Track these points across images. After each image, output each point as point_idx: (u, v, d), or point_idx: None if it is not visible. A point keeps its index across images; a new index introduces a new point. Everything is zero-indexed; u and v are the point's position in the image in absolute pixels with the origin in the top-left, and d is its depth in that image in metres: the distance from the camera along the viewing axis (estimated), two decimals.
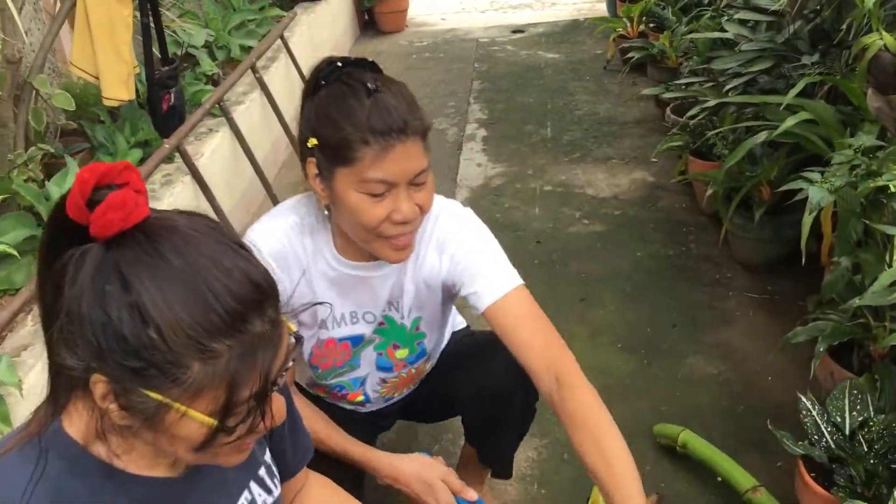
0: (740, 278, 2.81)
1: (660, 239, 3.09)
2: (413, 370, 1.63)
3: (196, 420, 0.82)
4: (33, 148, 2.54)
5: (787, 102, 2.41)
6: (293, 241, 1.41)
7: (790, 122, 2.35)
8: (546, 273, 2.90)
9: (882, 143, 1.92)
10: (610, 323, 2.64)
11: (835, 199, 1.86)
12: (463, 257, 1.44)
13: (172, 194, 2.71)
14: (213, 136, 3.13)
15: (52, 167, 2.65)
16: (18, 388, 1.80)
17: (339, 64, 1.32)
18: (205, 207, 2.86)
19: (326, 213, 1.38)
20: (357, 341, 1.54)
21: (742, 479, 1.90)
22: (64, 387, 0.86)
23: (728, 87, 2.87)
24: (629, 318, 2.65)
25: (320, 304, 1.44)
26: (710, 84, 3.11)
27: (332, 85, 1.29)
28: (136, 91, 2.80)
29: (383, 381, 1.63)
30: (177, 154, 2.80)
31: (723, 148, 2.86)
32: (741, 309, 2.66)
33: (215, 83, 3.55)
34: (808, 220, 1.91)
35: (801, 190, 2.11)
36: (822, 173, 1.88)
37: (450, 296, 1.53)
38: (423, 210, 1.33)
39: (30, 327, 2.04)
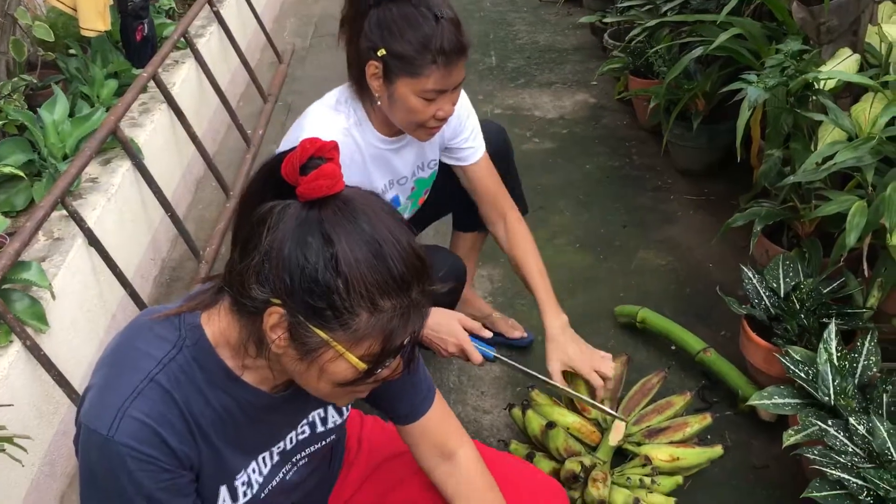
0: (680, 183, 3.12)
1: (605, 152, 3.37)
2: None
3: (350, 362, 0.98)
4: (15, 79, 2.63)
5: (720, 20, 2.68)
6: (353, 138, 1.73)
7: (723, 37, 2.62)
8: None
9: (806, 48, 2.21)
10: (567, 226, 2.91)
11: (768, 98, 2.13)
12: (465, 123, 1.92)
13: (153, 121, 2.84)
14: (181, 67, 3.24)
15: (30, 98, 2.74)
16: (50, 290, 1.96)
17: None
18: (181, 134, 3.00)
19: (378, 104, 1.68)
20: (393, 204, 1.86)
21: (694, 343, 2.21)
22: (226, 293, 1.03)
23: (664, 8, 3.13)
24: (584, 222, 2.93)
25: None
26: (648, 7, 3.37)
27: (400, 3, 1.57)
28: None
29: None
30: (150, 84, 2.91)
31: (661, 65, 3.13)
32: (682, 209, 2.97)
33: (172, 18, 3.63)
34: (744, 116, 2.18)
35: (735, 96, 2.40)
36: (758, 75, 2.15)
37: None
38: (455, 105, 1.72)
39: (42, 241, 2.19)
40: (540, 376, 1.90)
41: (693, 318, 2.41)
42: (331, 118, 1.71)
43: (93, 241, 2.20)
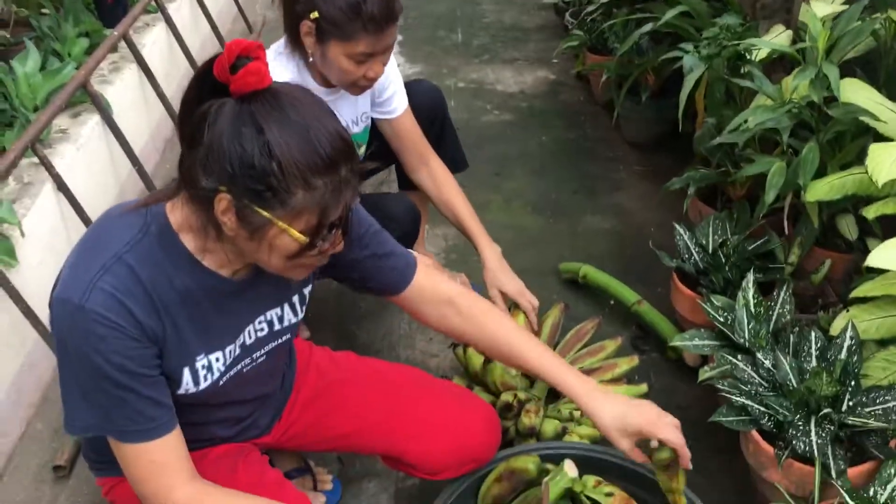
0: (629, 155, 3.28)
1: (561, 125, 3.51)
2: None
3: (292, 236, 1.12)
4: None
5: None
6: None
7: (670, 14, 2.77)
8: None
9: (743, 22, 2.36)
10: (521, 191, 3.05)
11: (709, 70, 2.28)
12: (391, 77, 2.03)
13: (122, 80, 2.93)
14: (151, 29, 3.33)
15: (2, 53, 2.82)
16: (20, 228, 2.06)
17: None
18: (150, 94, 3.09)
19: (311, 60, 1.78)
20: None
21: (629, 295, 2.36)
22: (181, 185, 1.16)
23: None
24: (537, 187, 3.07)
25: None
26: None
27: None
28: None
29: None
30: (121, 44, 2.99)
31: (615, 41, 3.27)
32: (630, 179, 3.13)
33: None
34: (687, 86, 2.31)
35: (680, 70, 2.55)
36: (695, 46, 2.30)
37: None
38: (385, 66, 1.81)
39: (13, 185, 2.28)
40: None
41: (632, 275, 2.55)
42: (280, 65, 1.83)
43: (62, 186, 2.30)
